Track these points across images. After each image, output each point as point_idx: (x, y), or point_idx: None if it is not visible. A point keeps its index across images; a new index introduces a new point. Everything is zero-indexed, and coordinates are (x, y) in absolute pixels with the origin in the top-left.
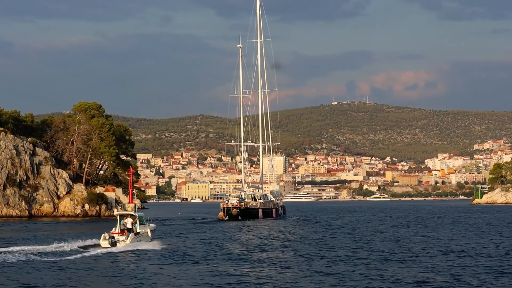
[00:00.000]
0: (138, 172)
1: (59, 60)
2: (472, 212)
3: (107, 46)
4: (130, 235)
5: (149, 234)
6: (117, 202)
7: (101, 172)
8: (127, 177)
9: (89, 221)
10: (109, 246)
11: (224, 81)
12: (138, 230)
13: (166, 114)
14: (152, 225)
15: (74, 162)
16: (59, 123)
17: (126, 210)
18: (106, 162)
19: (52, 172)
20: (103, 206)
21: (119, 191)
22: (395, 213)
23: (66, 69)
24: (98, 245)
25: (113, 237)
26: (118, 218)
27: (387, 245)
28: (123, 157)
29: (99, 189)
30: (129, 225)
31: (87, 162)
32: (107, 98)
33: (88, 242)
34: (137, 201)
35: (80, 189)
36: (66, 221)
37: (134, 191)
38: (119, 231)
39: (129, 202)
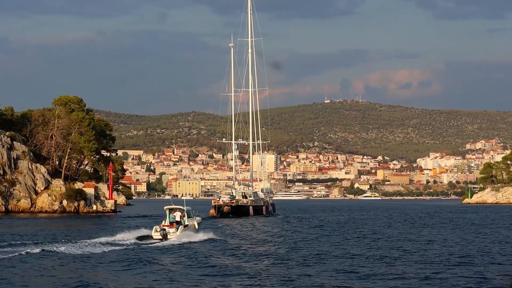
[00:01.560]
0: (125, 168)
1: (55, 56)
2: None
3: (102, 42)
4: (180, 227)
5: (196, 226)
6: (97, 198)
7: (83, 167)
8: (113, 173)
9: (67, 217)
10: (160, 237)
11: (219, 78)
12: (186, 223)
13: (160, 111)
14: (198, 218)
15: (53, 157)
16: (38, 117)
17: (106, 207)
18: (86, 158)
19: (30, 167)
20: (82, 202)
21: (104, 187)
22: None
23: (62, 65)
24: (150, 237)
25: (164, 229)
26: (167, 211)
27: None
28: (104, 152)
29: (78, 185)
30: (178, 218)
31: (66, 157)
32: (102, 94)
33: (142, 233)
34: (122, 198)
35: (58, 184)
36: (46, 217)
37: (120, 187)
38: (169, 224)
39: (109, 198)
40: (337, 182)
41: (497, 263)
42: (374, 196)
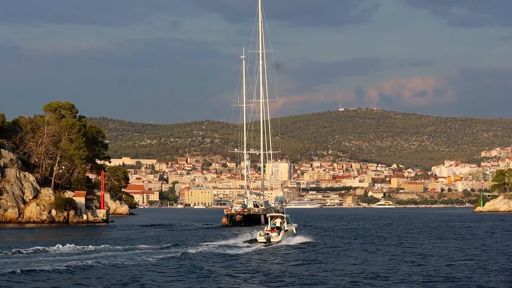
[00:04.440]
0: (138, 177)
1: (67, 65)
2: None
3: (115, 51)
4: (281, 232)
5: (294, 231)
6: (88, 207)
7: (75, 175)
8: (115, 182)
9: (55, 228)
10: (265, 241)
11: (233, 86)
12: (286, 228)
13: (174, 120)
14: (295, 224)
15: (43, 165)
16: (27, 123)
17: (98, 217)
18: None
19: (18, 175)
20: (72, 212)
21: (106, 196)
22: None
23: (75, 74)
24: (255, 240)
25: (268, 234)
26: (269, 218)
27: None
28: (104, 161)
29: (68, 194)
30: (278, 224)
31: (56, 165)
32: (115, 103)
33: (249, 237)
34: (124, 207)
35: (47, 193)
36: (36, 227)
37: (123, 196)
38: (271, 229)
39: (100, 208)
40: (351, 190)
41: None
42: (388, 205)
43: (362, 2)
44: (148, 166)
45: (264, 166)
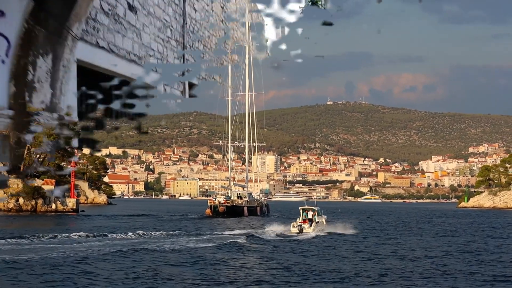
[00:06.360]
0: (124, 167)
1: None
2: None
3: None
4: (313, 224)
5: (324, 223)
6: (57, 197)
7: (46, 163)
8: (94, 171)
9: (22, 216)
10: (298, 231)
11: (224, 78)
12: (317, 220)
13: (162, 111)
14: (325, 216)
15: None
16: None
17: (67, 206)
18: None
19: None
20: (40, 201)
21: (84, 185)
22: None
23: None
24: (289, 231)
25: (300, 225)
26: (301, 211)
27: None
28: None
29: (37, 182)
30: (310, 216)
31: (26, 151)
32: None
33: (283, 228)
34: (103, 197)
35: (15, 181)
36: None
37: (102, 185)
38: (302, 221)
39: (70, 197)
40: (338, 184)
41: None
42: (374, 199)
43: None
44: (134, 156)
45: (250, 158)
